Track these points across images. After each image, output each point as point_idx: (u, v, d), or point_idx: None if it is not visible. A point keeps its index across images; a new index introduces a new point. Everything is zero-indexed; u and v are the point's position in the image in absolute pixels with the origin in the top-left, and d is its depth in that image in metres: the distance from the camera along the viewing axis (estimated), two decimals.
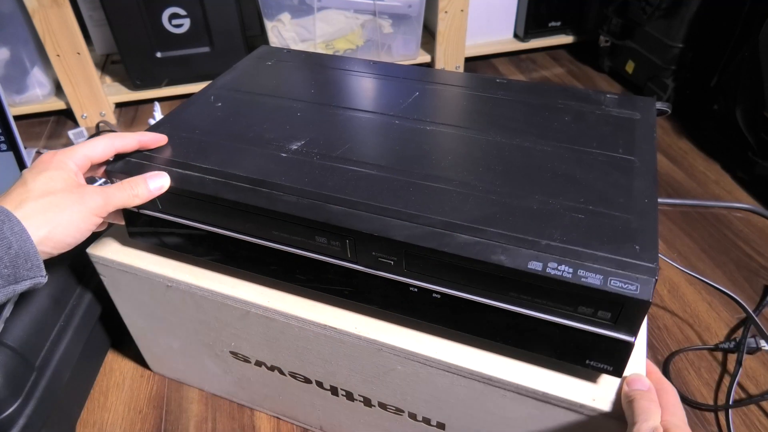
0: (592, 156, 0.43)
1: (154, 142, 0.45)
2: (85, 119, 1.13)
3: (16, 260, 0.31)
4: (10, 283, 0.32)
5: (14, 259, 0.31)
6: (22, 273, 0.32)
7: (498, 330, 0.38)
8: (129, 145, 0.44)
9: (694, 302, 0.71)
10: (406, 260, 0.37)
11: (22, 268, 0.32)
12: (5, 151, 0.60)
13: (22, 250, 0.31)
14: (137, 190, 0.41)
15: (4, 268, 0.31)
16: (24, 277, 0.32)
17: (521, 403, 0.40)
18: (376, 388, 0.47)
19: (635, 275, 0.32)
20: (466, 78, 0.57)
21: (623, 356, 0.35)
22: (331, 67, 0.59)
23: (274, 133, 0.47)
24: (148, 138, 0.45)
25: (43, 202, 0.36)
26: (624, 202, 0.38)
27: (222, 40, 1.11)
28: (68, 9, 1.00)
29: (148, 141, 0.45)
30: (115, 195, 0.40)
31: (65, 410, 0.57)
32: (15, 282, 0.32)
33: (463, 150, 0.45)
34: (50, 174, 0.38)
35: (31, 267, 0.32)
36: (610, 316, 0.34)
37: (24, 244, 0.32)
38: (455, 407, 0.44)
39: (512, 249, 0.34)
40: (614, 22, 1.16)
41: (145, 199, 0.42)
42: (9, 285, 0.32)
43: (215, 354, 0.54)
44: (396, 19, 1.16)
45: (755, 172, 0.88)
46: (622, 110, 0.49)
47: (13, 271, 0.31)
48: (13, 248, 0.31)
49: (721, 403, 0.59)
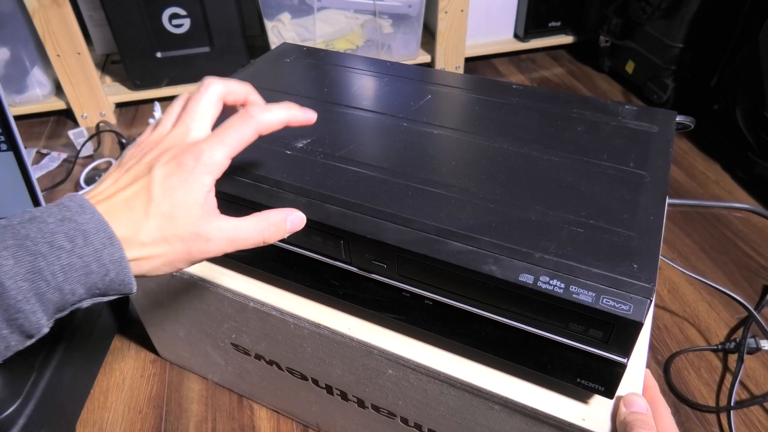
0: (601, 169, 0.41)
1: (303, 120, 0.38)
2: (85, 119, 1.13)
3: (111, 284, 0.30)
4: (97, 296, 0.30)
5: (109, 284, 0.30)
6: (112, 290, 0.30)
7: (488, 341, 0.38)
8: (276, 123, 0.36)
9: (694, 302, 0.71)
10: (398, 264, 0.37)
11: (113, 290, 0.30)
12: (5, 151, 0.60)
13: (118, 276, 0.30)
14: (272, 237, 0.35)
15: (97, 290, 0.30)
16: (113, 293, 0.31)
17: (510, 416, 0.39)
18: (368, 390, 0.47)
19: (629, 295, 0.31)
20: (480, 82, 0.56)
21: (615, 377, 0.34)
22: (347, 66, 0.59)
23: (282, 130, 0.47)
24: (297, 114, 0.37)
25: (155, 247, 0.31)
26: (627, 218, 0.36)
27: (222, 40, 1.11)
28: (68, 9, 1.00)
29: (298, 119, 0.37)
30: (236, 243, 0.33)
31: (65, 410, 0.57)
32: (103, 296, 0.31)
33: (468, 156, 0.44)
34: (178, 200, 0.31)
35: (124, 291, 0.31)
36: (601, 335, 0.33)
37: (121, 272, 0.30)
38: (445, 416, 0.44)
39: (504, 260, 0.33)
40: (614, 22, 1.16)
41: (274, 240, 0.36)
42: (96, 297, 0.30)
43: (217, 344, 0.55)
44: (396, 19, 1.16)
45: (755, 172, 0.88)
46: (640, 123, 0.47)
47: (105, 291, 0.30)
48: (110, 276, 0.29)
49: (722, 403, 0.59)
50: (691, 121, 0.50)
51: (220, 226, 0.33)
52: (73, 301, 0.29)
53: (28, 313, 0.27)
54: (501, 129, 0.47)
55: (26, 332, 0.28)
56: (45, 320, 0.28)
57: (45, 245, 0.28)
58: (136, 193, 0.31)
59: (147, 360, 0.66)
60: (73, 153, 1.01)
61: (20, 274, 0.27)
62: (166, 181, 0.31)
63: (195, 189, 0.32)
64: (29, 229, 0.28)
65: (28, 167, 0.61)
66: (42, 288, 0.27)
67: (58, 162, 1.00)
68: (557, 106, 0.50)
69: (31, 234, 0.28)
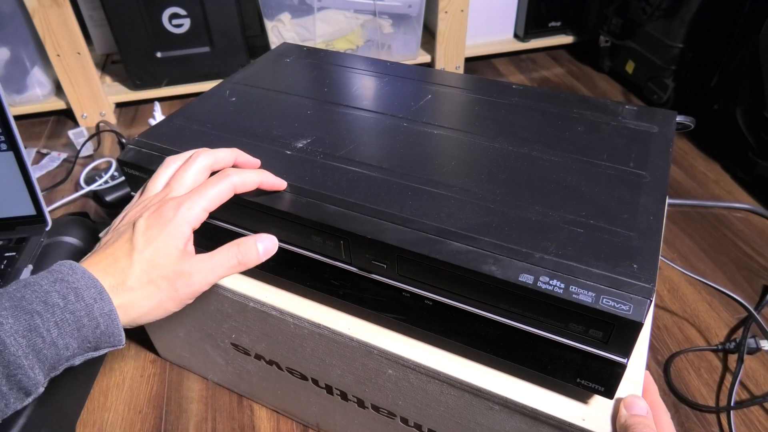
0: (601, 169, 0.41)
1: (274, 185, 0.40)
2: (85, 119, 1.13)
3: (101, 337, 0.32)
4: (89, 351, 0.32)
5: (99, 337, 0.32)
6: (103, 343, 0.32)
7: (488, 341, 0.38)
8: (249, 185, 0.39)
9: (694, 302, 0.71)
10: (398, 264, 0.37)
11: (104, 343, 0.32)
12: (5, 151, 0.60)
13: (108, 329, 0.32)
14: (246, 257, 0.37)
15: (88, 343, 0.31)
16: (105, 346, 0.33)
17: (510, 416, 0.39)
18: (368, 390, 0.47)
19: (629, 295, 0.31)
20: (480, 82, 0.56)
21: (615, 378, 0.34)
22: (347, 66, 0.59)
23: (282, 130, 0.47)
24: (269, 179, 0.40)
25: (141, 291, 0.33)
26: (627, 219, 0.36)
27: (222, 40, 1.11)
28: (68, 9, 1.00)
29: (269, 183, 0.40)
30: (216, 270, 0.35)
31: (65, 410, 0.57)
32: (95, 350, 0.33)
33: (468, 156, 0.44)
34: (159, 246, 0.34)
35: (114, 343, 0.33)
36: (601, 335, 0.33)
37: (111, 324, 0.32)
38: (445, 416, 0.44)
39: (504, 260, 0.33)
40: (614, 22, 1.16)
41: (250, 266, 0.37)
42: (88, 352, 0.32)
43: (217, 344, 0.55)
44: (396, 19, 1.16)
45: (755, 172, 0.88)
46: (640, 123, 0.47)
47: (96, 344, 0.32)
48: (100, 328, 0.31)
49: (722, 404, 0.59)
50: (691, 121, 0.50)
51: (199, 260, 0.35)
52: (67, 356, 0.31)
53: (26, 368, 0.29)
54: (501, 129, 0.47)
55: (24, 389, 0.29)
56: (41, 377, 0.30)
57: (40, 304, 0.29)
58: (120, 245, 0.34)
59: (147, 360, 0.66)
60: (73, 153, 1.01)
61: (19, 332, 0.28)
62: (148, 230, 0.34)
63: (174, 236, 0.34)
64: (24, 292, 0.30)
65: (28, 167, 0.61)
66: (38, 344, 0.29)
67: (58, 162, 1.00)
68: (557, 106, 0.50)
69: (27, 296, 0.30)
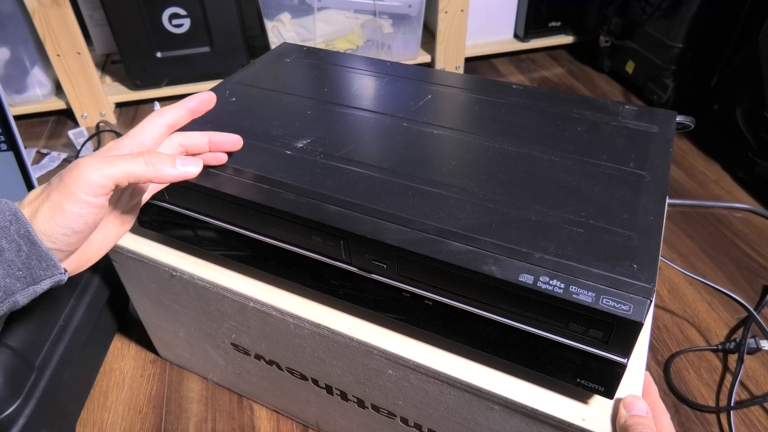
0: (601, 169, 0.41)
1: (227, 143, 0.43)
2: (85, 119, 1.13)
3: (31, 263, 0.31)
4: (29, 285, 0.32)
5: (28, 263, 0.31)
6: (38, 273, 0.32)
7: (488, 341, 0.38)
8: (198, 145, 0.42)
9: (694, 302, 0.71)
10: (398, 264, 0.37)
11: (36, 269, 0.32)
12: (5, 151, 0.60)
13: (33, 252, 0.31)
14: (158, 166, 0.35)
15: (18, 270, 0.31)
16: (42, 276, 0.32)
17: (510, 416, 0.39)
18: (368, 390, 0.47)
19: (629, 295, 0.31)
20: (480, 82, 0.56)
21: (615, 378, 0.34)
22: (347, 66, 0.59)
23: (282, 130, 0.47)
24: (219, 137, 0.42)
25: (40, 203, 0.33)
26: (627, 219, 0.36)
27: (222, 40, 1.11)
28: (68, 9, 1.00)
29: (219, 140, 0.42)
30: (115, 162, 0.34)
31: (65, 410, 0.57)
32: (34, 283, 0.32)
33: (468, 156, 0.44)
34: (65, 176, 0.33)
35: (46, 267, 0.32)
36: (601, 335, 0.33)
37: (33, 246, 0.31)
38: (445, 416, 0.44)
39: (504, 260, 0.33)
40: (614, 22, 1.16)
41: (162, 176, 0.36)
42: (29, 286, 0.32)
43: (217, 344, 0.55)
44: (396, 19, 1.16)
45: (755, 172, 0.88)
46: (640, 123, 0.47)
47: (29, 272, 0.31)
48: (23, 250, 0.31)
49: (722, 404, 0.59)
50: (691, 121, 0.50)
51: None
52: (2, 288, 0.30)
53: None
54: (501, 129, 0.47)
55: None
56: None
57: None
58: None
59: (147, 360, 0.66)
60: (73, 153, 1.01)
61: None
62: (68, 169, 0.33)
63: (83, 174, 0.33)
64: None
65: (28, 167, 0.61)
66: None
67: (58, 162, 1.00)
68: (557, 106, 0.50)
69: None
